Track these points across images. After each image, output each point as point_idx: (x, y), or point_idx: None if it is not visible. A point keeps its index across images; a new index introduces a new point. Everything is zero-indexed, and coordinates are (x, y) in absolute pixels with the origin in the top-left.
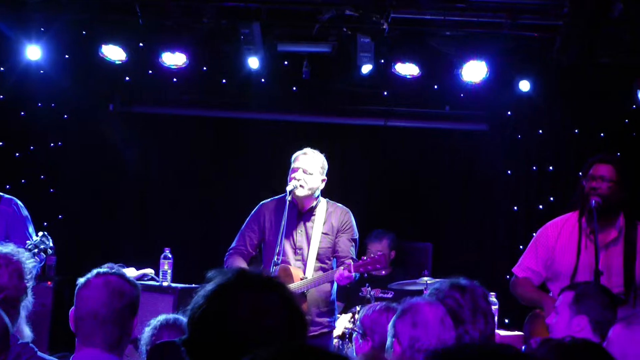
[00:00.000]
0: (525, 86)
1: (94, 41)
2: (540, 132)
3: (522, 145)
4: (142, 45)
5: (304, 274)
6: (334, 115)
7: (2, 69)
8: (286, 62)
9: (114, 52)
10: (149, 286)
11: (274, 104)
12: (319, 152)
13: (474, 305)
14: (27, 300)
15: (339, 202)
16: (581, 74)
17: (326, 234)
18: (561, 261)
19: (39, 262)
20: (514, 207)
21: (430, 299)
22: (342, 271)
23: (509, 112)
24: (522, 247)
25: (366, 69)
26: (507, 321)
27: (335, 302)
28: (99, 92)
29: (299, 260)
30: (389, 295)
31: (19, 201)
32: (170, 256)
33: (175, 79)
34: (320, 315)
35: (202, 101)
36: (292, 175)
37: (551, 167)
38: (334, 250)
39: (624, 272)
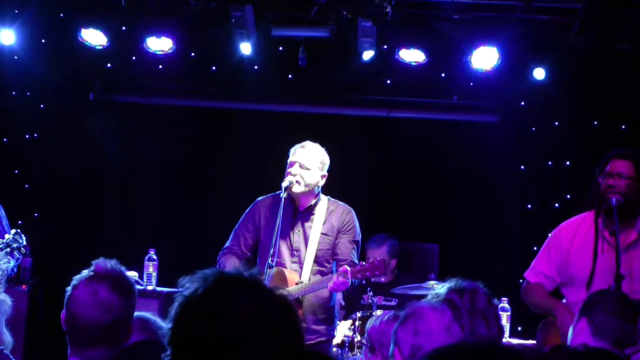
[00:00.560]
0: (539, 74)
1: (72, 25)
2: (556, 124)
3: (536, 138)
4: (124, 29)
5: (300, 277)
6: (333, 105)
7: None
8: (281, 48)
9: (95, 37)
10: None
11: (268, 93)
12: (319, 145)
13: (472, 307)
14: (6, 303)
15: (337, 199)
16: (601, 61)
17: (326, 234)
18: (576, 265)
19: (15, 262)
20: (528, 206)
21: (435, 304)
22: (336, 278)
23: (522, 103)
24: (535, 248)
25: (367, 55)
26: (519, 329)
27: (334, 308)
28: (78, 80)
29: (295, 262)
30: (393, 302)
31: None
32: (155, 258)
33: (160, 66)
34: (317, 322)
35: (190, 90)
36: (288, 170)
37: (568, 162)
38: (334, 252)
39: None
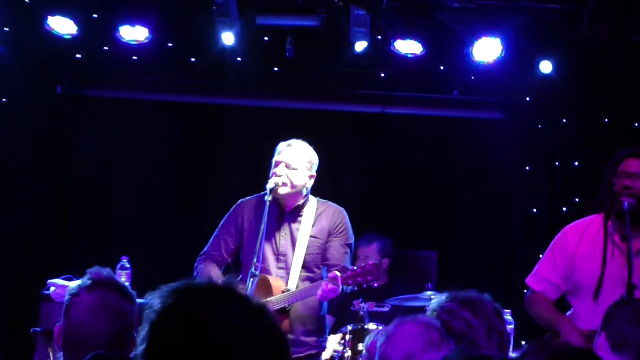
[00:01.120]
0: (546, 68)
1: (38, 11)
2: (564, 121)
3: (543, 136)
4: (95, 16)
5: (287, 284)
6: (322, 100)
7: None
8: (266, 38)
9: (63, 25)
10: None
11: (251, 87)
12: (307, 143)
13: (488, 324)
14: None
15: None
16: (612, 53)
17: (315, 237)
18: (583, 271)
19: None
20: (533, 209)
21: (422, 320)
22: (325, 285)
23: (528, 98)
24: (542, 255)
25: (360, 46)
26: (523, 343)
27: (325, 318)
28: (44, 72)
29: (282, 268)
30: (386, 308)
31: None
32: (128, 266)
33: (135, 57)
34: (306, 334)
35: (167, 83)
36: (274, 170)
37: (577, 163)
38: (324, 257)
39: None
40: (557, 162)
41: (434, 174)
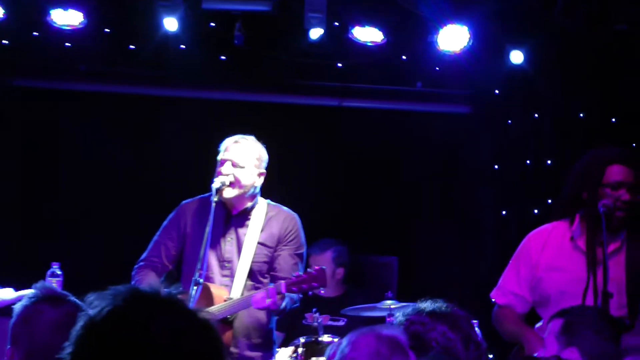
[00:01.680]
0: (517, 58)
1: None
2: (536, 116)
3: (513, 132)
4: None
5: (230, 293)
6: (274, 92)
7: None
8: (213, 24)
9: None
10: None
11: (196, 78)
12: (255, 139)
13: (464, 335)
14: None
15: (278, 204)
16: (589, 42)
17: (263, 244)
18: (549, 281)
19: None
20: (503, 212)
21: (382, 332)
22: (259, 295)
23: (497, 91)
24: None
25: (316, 33)
26: (491, 356)
27: (273, 331)
28: None
29: (226, 276)
30: (341, 323)
31: None
32: (59, 273)
33: (68, 44)
34: (251, 348)
35: (103, 73)
36: (220, 169)
37: (550, 161)
38: (272, 267)
39: (627, 289)
40: (529, 161)
41: (394, 173)
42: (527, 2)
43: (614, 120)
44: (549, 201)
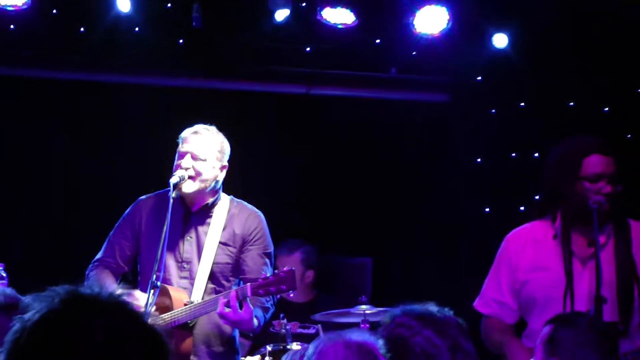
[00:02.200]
0: (501, 41)
1: None
2: (521, 104)
3: (496, 123)
4: None
5: (190, 297)
6: (236, 79)
7: None
8: (169, 5)
9: None
10: None
11: (152, 63)
12: (217, 130)
13: (452, 343)
14: None
15: (240, 200)
16: (578, 25)
17: (225, 244)
18: (531, 284)
19: None
20: (486, 209)
21: (355, 336)
22: (221, 300)
23: (479, 78)
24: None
25: (282, 15)
26: None
27: (236, 339)
28: None
29: (185, 278)
30: (312, 330)
31: None
32: (4, 275)
33: (12, 26)
34: (213, 356)
35: (50, 57)
36: (178, 162)
37: (536, 154)
38: (239, 268)
39: (617, 290)
40: (514, 154)
41: (368, 166)
42: None
43: (606, 109)
44: (536, 197)
